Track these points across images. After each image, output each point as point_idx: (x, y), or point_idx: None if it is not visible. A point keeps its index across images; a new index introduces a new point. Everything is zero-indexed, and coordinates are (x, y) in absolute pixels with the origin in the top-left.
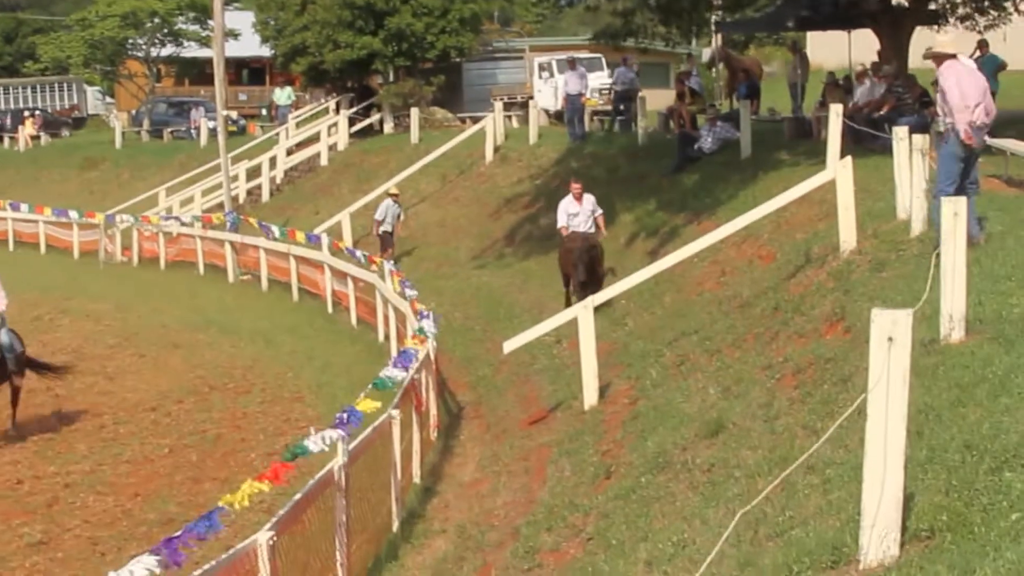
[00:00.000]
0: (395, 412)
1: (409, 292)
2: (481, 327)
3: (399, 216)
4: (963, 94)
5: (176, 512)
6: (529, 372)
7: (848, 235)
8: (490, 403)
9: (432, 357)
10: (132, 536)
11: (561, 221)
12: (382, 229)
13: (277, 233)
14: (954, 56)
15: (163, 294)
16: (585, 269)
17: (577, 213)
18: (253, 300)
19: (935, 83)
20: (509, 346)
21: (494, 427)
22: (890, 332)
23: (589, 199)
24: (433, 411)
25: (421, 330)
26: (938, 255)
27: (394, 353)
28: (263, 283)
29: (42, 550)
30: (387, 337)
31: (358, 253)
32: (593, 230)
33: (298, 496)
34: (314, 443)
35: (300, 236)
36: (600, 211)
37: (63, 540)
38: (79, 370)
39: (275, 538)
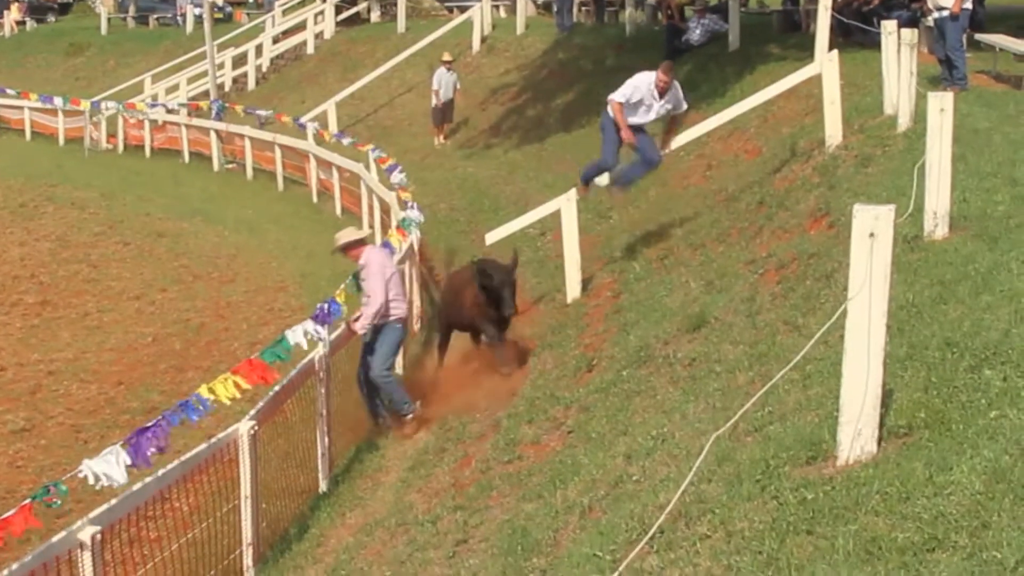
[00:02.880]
0: None
1: (397, 176)
2: (466, 219)
3: (456, 84)
4: None
5: (159, 401)
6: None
7: (834, 130)
8: None
9: (416, 248)
10: (115, 424)
11: (620, 98)
12: (441, 100)
13: (265, 116)
14: None
15: (148, 182)
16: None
17: (650, 106)
18: (238, 189)
19: None
20: (492, 237)
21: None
22: (872, 228)
23: (676, 92)
24: (416, 303)
25: (405, 220)
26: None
27: (377, 244)
28: (248, 172)
29: (25, 437)
30: (371, 227)
31: (345, 140)
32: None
33: (279, 387)
34: (295, 337)
35: (287, 120)
36: (684, 106)
37: (46, 427)
38: (63, 258)
39: (256, 428)
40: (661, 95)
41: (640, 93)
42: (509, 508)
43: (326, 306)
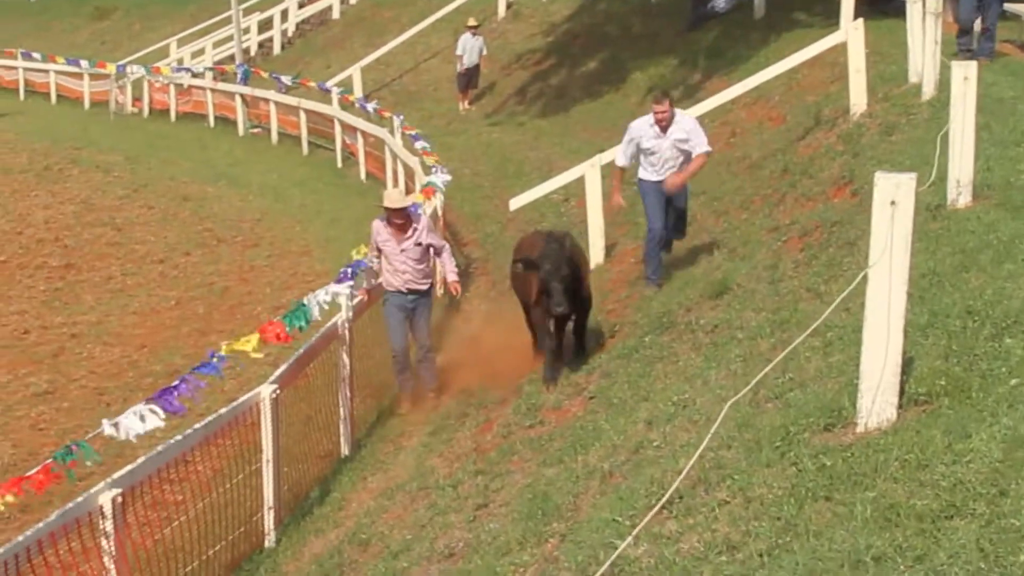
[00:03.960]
0: None
1: (420, 144)
2: (490, 184)
3: (482, 50)
4: None
5: (182, 364)
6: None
7: (859, 98)
8: (497, 260)
9: (440, 213)
10: (138, 387)
11: (621, 161)
12: (465, 66)
13: (288, 81)
14: None
15: (173, 146)
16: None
17: (659, 150)
18: (263, 153)
19: None
20: (515, 203)
21: (500, 284)
22: (893, 196)
23: (684, 123)
24: (439, 267)
25: (430, 183)
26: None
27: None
28: (273, 136)
29: (48, 400)
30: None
31: (369, 106)
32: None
33: (301, 350)
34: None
35: (312, 84)
36: (701, 144)
37: (69, 390)
38: (87, 221)
39: (278, 391)
40: (664, 129)
41: (640, 139)
42: (530, 473)
43: (349, 270)
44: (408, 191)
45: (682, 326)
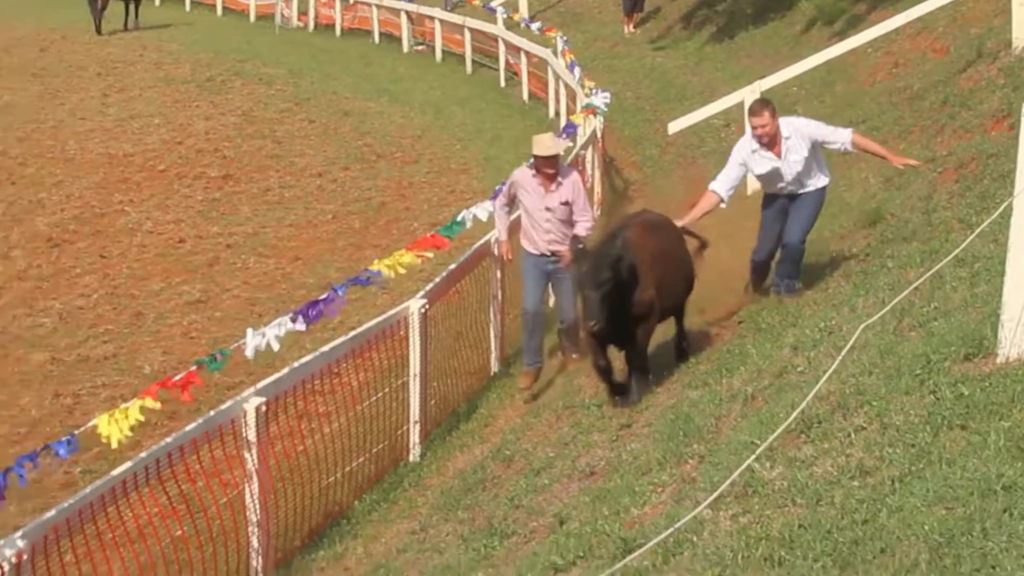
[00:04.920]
0: None
1: (576, 72)
2: (651, 107)
3: None
4: None
5: (335, 277)
6: (696, 155)
7: (1021, 32)
8: (655, 183)
9: (599, 134)
10: (290, 299)
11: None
12: None
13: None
14: None
15: (337, 61)
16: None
17: (775, 168)
18: (426, 71)
19: None
20: (674, 127)
21: (658, 207)
22: None
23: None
24: (597, 188)
25: (591, 104)
26: None
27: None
28: (437, 54)
29: (200, 308)
30: (557, 114)
31: (533, 26)
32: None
33: (452, 266)
34: (470, 217)
35: (477, 3)
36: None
37: (221, 300)
38: (248, 133)
39: (427, 306)
40: (769, 147)
41: (752, 166)
42: (675, 394)
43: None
44: (569, 112)
45: (834, 253)
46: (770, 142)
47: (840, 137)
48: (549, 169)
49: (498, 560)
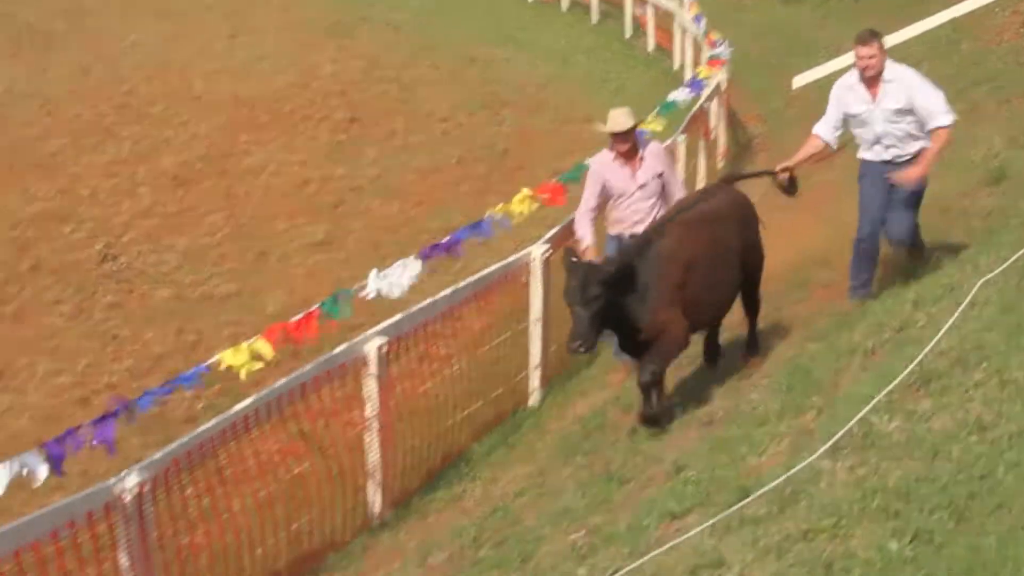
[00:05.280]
0: (681, 137)
1: (702, 24)
2: (777, 60)
3: None
4: None
5: (459, 222)
6: (820, 110)
7: None
8: (778, 136)
9: (723, 87)
10: (414, 242)
11: (821, 129)
12: None
13: None
14: None
15: (463, 7)
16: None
17: (869, 116)
18: (552, 19)
19: None
20: (799, 81)
21: (780, 161)
22: None
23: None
24: (721, 140)
25: (717, 55)
26: None
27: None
28: (563, 3)
29: (324, 249)
30: (682, 66)
31: None
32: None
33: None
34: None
35: None
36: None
37: (346, 241)
38: (374, 77)
39: (550, 252)
40: (869, 85)
41: (846, 103)
42: (794, 346)
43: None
44: (695, 64)
45: (957, 211)
46: (871, 80)
47: (934, 120)
48: (626, 145)
49: (615, 505)
